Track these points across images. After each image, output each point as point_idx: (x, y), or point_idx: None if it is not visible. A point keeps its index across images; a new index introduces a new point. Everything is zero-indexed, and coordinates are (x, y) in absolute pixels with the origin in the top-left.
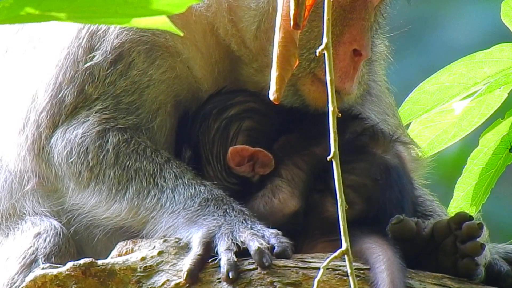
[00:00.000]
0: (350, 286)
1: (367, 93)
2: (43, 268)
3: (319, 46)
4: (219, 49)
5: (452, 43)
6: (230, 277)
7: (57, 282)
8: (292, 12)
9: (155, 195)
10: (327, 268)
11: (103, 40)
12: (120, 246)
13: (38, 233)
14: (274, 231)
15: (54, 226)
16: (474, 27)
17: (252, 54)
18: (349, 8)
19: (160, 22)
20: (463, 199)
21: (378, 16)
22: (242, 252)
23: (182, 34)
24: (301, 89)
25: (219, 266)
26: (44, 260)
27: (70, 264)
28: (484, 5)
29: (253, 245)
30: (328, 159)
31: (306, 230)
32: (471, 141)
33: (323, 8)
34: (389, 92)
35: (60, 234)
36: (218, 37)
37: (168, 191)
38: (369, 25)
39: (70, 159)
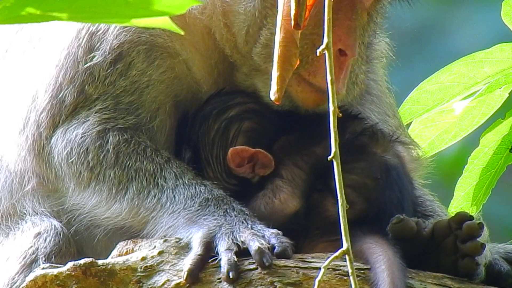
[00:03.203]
0: (350, 286)
1: (367, 93)
2: (43, 268)
3: (305, 48)
4: (217, 51)
5: (459, 49)
6: (231, 277)
7: (58, 282)
8: (292, 12)
9: (156, 195)
10: (328, 268)
11: (103, 40)
12: (121, 246)
13: (39, 233)
14: (275, 231)
15: (55, 226)
16: (481, 33)
17: (243, 59)
18: (334, 8)
19: (161, 22)
20: (463, 199)
21: (374, 16)
22: (242, 252)
23: (182, 33)
24: (288, 90)
25: (220, 266)
26: (45, 260)
27: (70, 264)
28: (491, 11)
29: (254, 245)
30: (328, 159)
31: (307, 230)
32: (471, 141)
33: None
34: (389, 92)
35: (60, 234)
36: (215, 40)
37: (168, 191)
38: (358, 25)
39: (70, 159)
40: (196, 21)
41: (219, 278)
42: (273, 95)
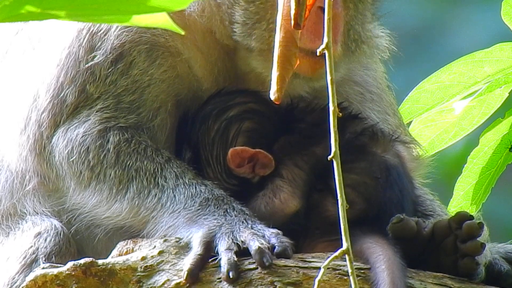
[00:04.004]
0: (350, 285)
1: (367, 91)
2: (43, 268)
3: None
4: (217, 48)
5: (459, 49)
6: (231, 276)
7: (58, 282)
8: (292, 11)
9: (156, 194)
10: (328, 268)
11: (104, 40)
12: (121, 246)
13: (39, 233)
14: (275, 230)
15: (55, 225)
16: (481, 33)
17: (237, 45)
18: None
19: (161, 21)
20: (463, 198)
21: None
22: (242, 252)
23: (183, 33)
24: None
25: (220, 266)
26: (45, 260)
27: (70, 264)
28: (491, 11)
29: (254, 245)
30: (328, 159)
31: (307, 229)
32: (472, 141)
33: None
34: (389, 90)
35: (60, 234)
36: (215, 38)
37: (168, 191)
38: None
39: (71, 158)
40: (196, 22)
41: (219, 278)
42: (273, 95)
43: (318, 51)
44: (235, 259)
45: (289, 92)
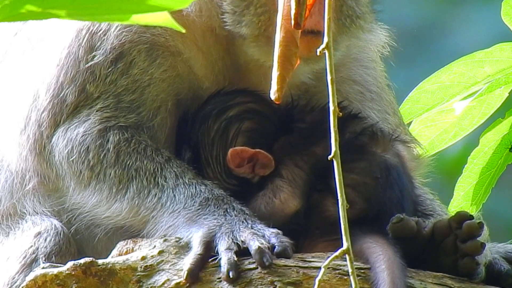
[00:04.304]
0: (350, 285)
1: (366, 91)
2: (43, 268)
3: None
4: (217, 46)
5: (460, 49)
6: (231, 276)
7: (58, 282)
8: (293, 11)
9: (156, 194)
10: (328, 268)
11: (104, 40)
12: (121, 246)
13: (39, 233)
14: (275, 230)
15: (55, 225)
16: (481, 33)
17: (233, 34)
18: None
19: (162, 19)
20: (463, 199)
21: None
22: (242, 252)
23: (184, 31)
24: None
25: (220, 266)
26: (45, 260)
27: (70, 264)
28: (491, 11)
29: (254, 245)
30: (329, 159)
31: (307, 229)
32: (472, 141)
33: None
34: (389, 89)
35: (60, 234)
36: (216, 36)
37: (168, 191)
38: None
39: (71, 158)
40: (195, 22)
41: (219, 278)
42: (273, 94)
43: (318, 51)
44: (235, 258)
45: (291, 80)
